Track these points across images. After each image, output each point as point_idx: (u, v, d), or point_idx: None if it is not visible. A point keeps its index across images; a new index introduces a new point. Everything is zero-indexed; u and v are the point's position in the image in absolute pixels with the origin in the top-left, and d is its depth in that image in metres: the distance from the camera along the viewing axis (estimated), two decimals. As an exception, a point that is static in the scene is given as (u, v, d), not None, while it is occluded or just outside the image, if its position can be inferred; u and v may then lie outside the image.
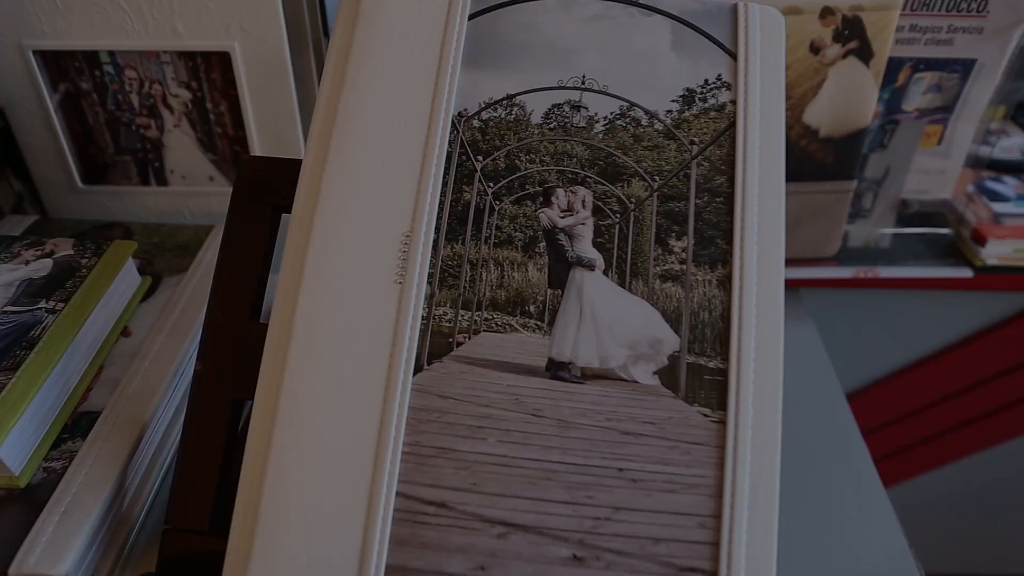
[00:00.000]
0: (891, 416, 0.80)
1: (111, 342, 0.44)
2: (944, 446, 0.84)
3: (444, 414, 0.31)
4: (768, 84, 0.36)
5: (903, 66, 0.58)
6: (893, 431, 0.82)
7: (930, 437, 0.83)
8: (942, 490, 0.90)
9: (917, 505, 0.90)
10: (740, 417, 0.31)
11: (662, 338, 0.32)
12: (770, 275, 0.33)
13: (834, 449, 0.48)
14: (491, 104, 0.35)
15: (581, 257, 0.34)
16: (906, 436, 0.83)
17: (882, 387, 0.78)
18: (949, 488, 0.90)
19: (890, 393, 0.78)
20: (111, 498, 0.37)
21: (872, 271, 0.63)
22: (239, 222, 0.38)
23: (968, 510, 0.93)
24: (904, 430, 0.82)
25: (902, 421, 0.81)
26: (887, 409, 0.80)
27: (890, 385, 0.78)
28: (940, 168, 0.65)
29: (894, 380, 0.77)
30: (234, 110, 0.54)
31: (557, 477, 0.30)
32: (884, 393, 0.78)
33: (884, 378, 0.77)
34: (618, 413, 0.31)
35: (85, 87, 0.54)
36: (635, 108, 0.35)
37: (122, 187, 0.58)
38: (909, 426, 0.82)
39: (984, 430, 0.83)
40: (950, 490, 0.90)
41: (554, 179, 0.35)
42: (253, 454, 0.31)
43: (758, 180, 0.34)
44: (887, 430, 0.82)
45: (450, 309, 0.33)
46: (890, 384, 0.78)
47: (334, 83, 0.34)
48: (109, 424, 0.39)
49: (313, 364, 0.31)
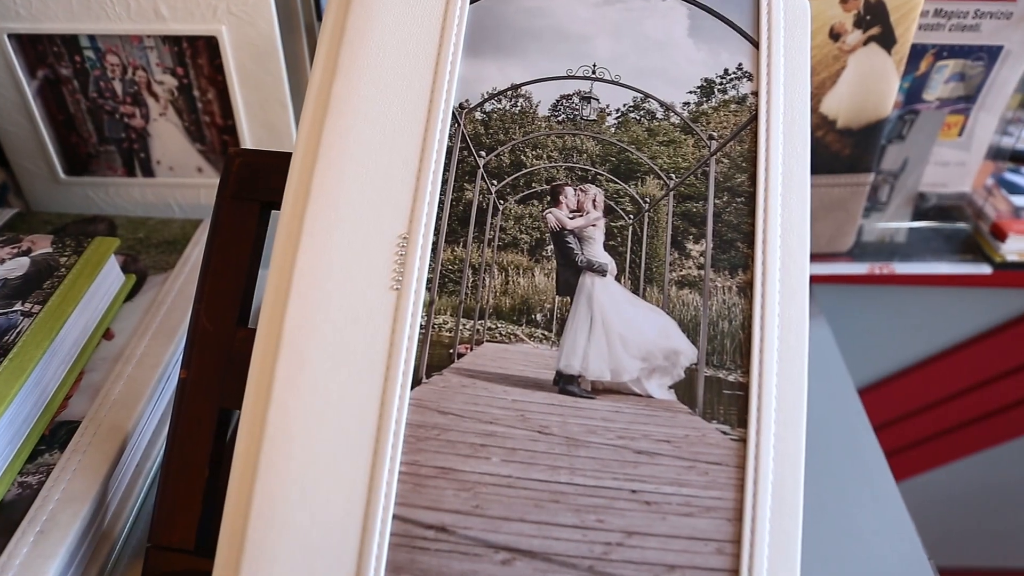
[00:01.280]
0: (904, 411, 0.80)
1: (92, 346, 0.42)
2: (957, 441, 0.83)
3: (444, 431, 0.29)
4: (792, 74, 0.34)
5: (926, 53, 0.56)
6: (906, 426, 0.81)
7: (942, 432, 0.82)
8: (954, 485, 0.90)
9: (929, 499, 0.90)
10: (761, 435, 0.29)
11: (678, 349, 0.31)
12: (794, 281, 0.31)
13: (846, 444, 0.48)
14: (495, 95, 0.33)
15: (592, 261, 0.33)
16: (919, 431, 0.82)
17: (895, 382, 0.77)
18: (960, 483, 0.90)
19: (903, 388, 0.77)
20: (91, 515, 0.35)
21: (888, 267, 0.62)
22: (225, 220, 0.36)
23: (979, 505, 0.93)
24: (917, 425, 0.81)
25: (915, 416, 0.80)
26: (900, 404, 0.79)
27: (903, 380, 0.77)
28: (960, 160, 0.63)
29: (907, 376, 0.77)
30: (223, 98, 0.52)
31: (565, 499, 0.28)
32: (897, 388, 0.77)
33: (897, 373, 0.76)
34: (631, 430, 0.30)
35: (65, 73, 0.52)
36: (649, 100, 0.34)
37: (107, 178, 0.56)
38: (922, 421, 0.81)
39: (997, 426, 0.82)
40: (962, 485, 0.90)
41: (563, 177, 0.33)
42: (240, 473, 0.30)
43: (781, 179, 0.32)
44: (900, 425, 0.81)
45: (450, 318, 0.31)
46: (903, 379, 0.77)
47: (325, 71, 0.33)
48: (89, 434, 0.38)
49: (303, 376, 0.30)
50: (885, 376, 0.77)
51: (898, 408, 0.80)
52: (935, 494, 0.90)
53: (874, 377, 0.78)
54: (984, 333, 0.73)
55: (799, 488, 0.29)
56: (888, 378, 0.77)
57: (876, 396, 0.78)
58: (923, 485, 0.89)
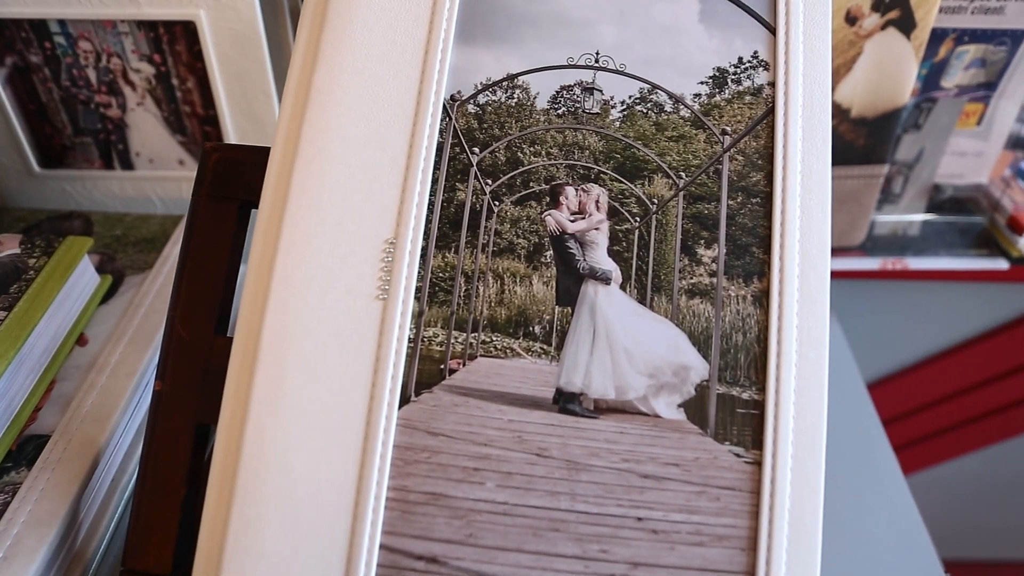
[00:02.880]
0: (914, 406, 0.79)
1: (64, 353, 0.40)
2: (966, 436, 0.83)
3: (435, 454, 0.28)
4: (812, 63, 0.32)
5: (946, 38, 0.53)
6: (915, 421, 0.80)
7: (951, 427, 0.81)
8: (962, 479, 0.90)
9: (936, 492, 0.90)
10: (778, 458, 0.28)
11: (688, 364, 0.29)
12: (813, 290, 0.29)
13: (855, 438, 0.48)
14: (489, 86, 0.32)
15: (594, 268, 0.31)
16: (928, 426, 0.81)
17: (906, 377, 0.76)
18: (969, 477, 0.90)
19: (914, 383, 0.77)
20: (60, 538, 0.33)
21: (901, 262, 0.60)
22: (202, 220, 0.34)
23: (987, 498, 0.93)
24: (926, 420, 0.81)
25: (925, 411, 0.79)
26: (910, 399, 0.78)
27: (914, 375, 0.76)
28: (978, 150, 0.60)
29: (918, 370, 0.76)
30: (203, 87, 0.50)
31: (566, 528, 0.27)
32: (908, 383, 0.77)
33: (908, 368, 0.75)
34: (636, 453, 0.28)
35: (35, 60, 0.49)
36: (657, 91, 0.32)
37: (84, 171, 0.54)
38: (932, 416, 0.80)
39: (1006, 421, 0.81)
40: (970, 479, 0.90)
41: (563, 175, 0.32)
42: (215, 497, 0.29)
43: (800, 177, 0.31)
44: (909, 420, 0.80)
45: (441, 330, 0.30)
46: (914, 374, 0.76)
47: (305, 59, 0.32)
48: (59, 450, 0.36)
49: (281, 394, 0.28)
50: (895, 371, 0.76)
51: (908, 403, 0.79)
52: (944, 488, 0.89)
53: (884, 372, 0.77)
54: (998, 328, 0.71)
55: (818, 515, 0.27)
56: (898, 373, 0.76)
57: (886, 391, 0.77)
58: (932, 479, 0.89)
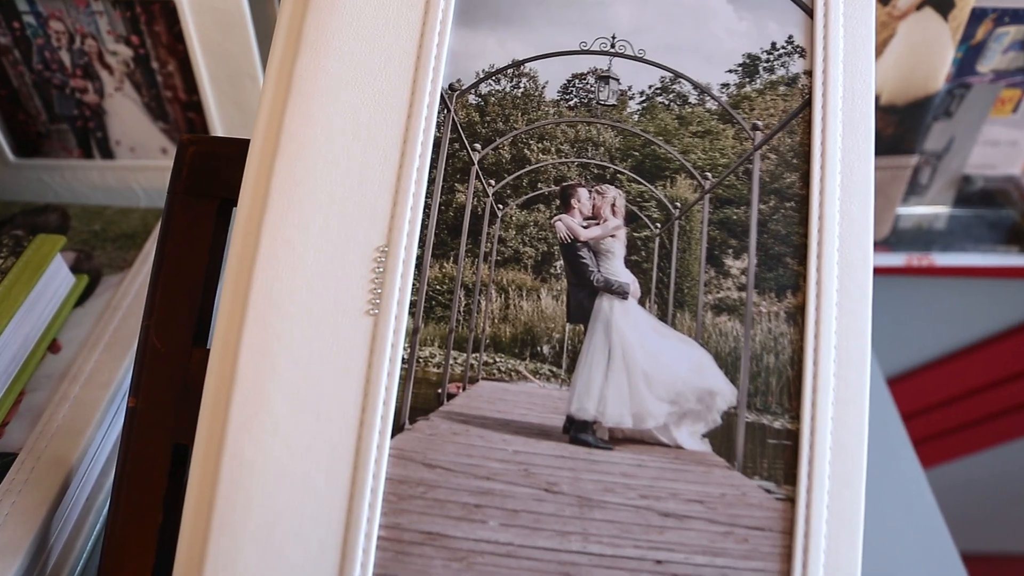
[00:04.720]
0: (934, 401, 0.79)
1: (34, 362, 0.39)
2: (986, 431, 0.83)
3: (431, 488, 0.26)
4: (854, 50, 0.30)
5: (985, 18, 0.50)
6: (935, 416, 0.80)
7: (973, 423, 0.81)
8: (981, 473, 0.90)
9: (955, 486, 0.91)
10: (813, 494, 0.26)
11: (714, 390, 0.27)
12: (854, 305, 0.27)
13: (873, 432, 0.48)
14: (492, 73, 0.30)
15: (610, 281, 0.29)
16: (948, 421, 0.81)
17: (927, 372, 0.76)
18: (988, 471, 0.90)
19: (935, 378, 0.77)
20: (27, 567, 0.31)
21: (927, 258, 0.58)
22: (178, 219, 0.33)
23: (1006, 493, 0.94)
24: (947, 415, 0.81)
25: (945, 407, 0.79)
26: (930, 394, 0.78)
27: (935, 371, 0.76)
28: (1012, 139, 0.57)
29: (940, 366, 0.75)
30: (185, 70, 0.47)
31: (577, 571, 0.25)
32: (929, 378, 0.77)
33: (930, 363, 0.75)
34: (656, 488, 0.26)
35: (3, 42, 0.46)
36: (681, 80, 0.30)
37: (61, 160, 0.52)
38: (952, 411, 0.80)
39: None
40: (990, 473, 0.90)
41: (575, 175, 0.30)
42: (191, 527, 0.26)
43: (840, 178, 0.28)
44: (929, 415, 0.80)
45: (439, 349, 0.28)
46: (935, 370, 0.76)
47: (287, 43, 0.30)
48: (27, 469, 0.34)
49: (262, 419, 0.26)
50: (916, 366, 0.76)
51: (928, 398, 0.79)
52: (962, 481, 0.91)
53: (905, 367, 0.77)
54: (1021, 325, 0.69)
55: (857, 559, 0.26)
56: (919, 368, 0.76)
57: (906, 386, 0.77)
58: (950, 473, 0.89)
